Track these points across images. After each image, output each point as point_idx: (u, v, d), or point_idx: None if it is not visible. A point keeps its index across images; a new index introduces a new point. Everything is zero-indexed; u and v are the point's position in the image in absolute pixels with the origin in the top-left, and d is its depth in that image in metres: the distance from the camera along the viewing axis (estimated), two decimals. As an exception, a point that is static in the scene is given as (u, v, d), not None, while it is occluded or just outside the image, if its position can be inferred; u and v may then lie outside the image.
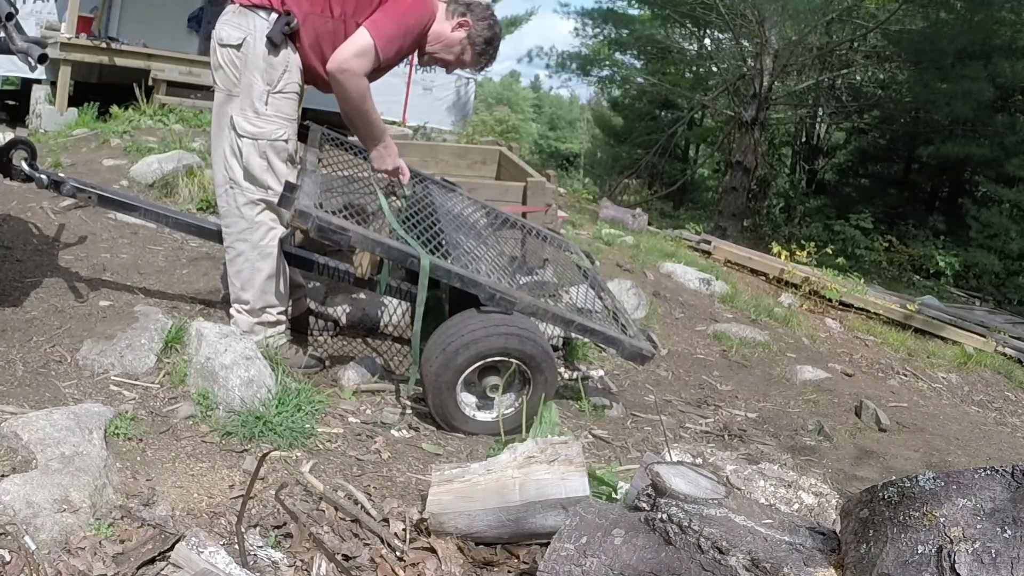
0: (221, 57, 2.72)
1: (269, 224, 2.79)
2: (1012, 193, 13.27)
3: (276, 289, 2.85)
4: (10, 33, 2.44)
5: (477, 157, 5.03)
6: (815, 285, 7.28)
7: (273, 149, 2.72)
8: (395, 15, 2.68)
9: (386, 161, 2.97)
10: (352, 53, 2.63)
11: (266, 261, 2.79)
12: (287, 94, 2.73)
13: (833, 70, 15.78)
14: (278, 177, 2.74)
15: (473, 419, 2.82)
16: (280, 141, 2.73)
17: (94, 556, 1.69)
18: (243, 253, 2.79)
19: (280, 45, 2.66)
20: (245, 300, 2.83)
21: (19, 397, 2.29)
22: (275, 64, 2.68)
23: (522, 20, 21.49)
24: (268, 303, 2.85)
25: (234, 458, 2.22)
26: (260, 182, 2.74)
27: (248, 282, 2.81)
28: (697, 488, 1.64)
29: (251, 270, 2.80)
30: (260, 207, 2.76)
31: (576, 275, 3.64)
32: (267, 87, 2.69)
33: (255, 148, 2.71)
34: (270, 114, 2.70)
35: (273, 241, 2.80)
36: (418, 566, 1.89)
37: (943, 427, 4.43)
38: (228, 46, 2.69)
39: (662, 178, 19.33)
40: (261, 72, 2.67)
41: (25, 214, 3.84)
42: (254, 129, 2.70)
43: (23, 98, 8.51)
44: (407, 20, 2.72)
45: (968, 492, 1.35)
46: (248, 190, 2.74)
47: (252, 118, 2.69)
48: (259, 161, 2.72)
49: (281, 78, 2.70)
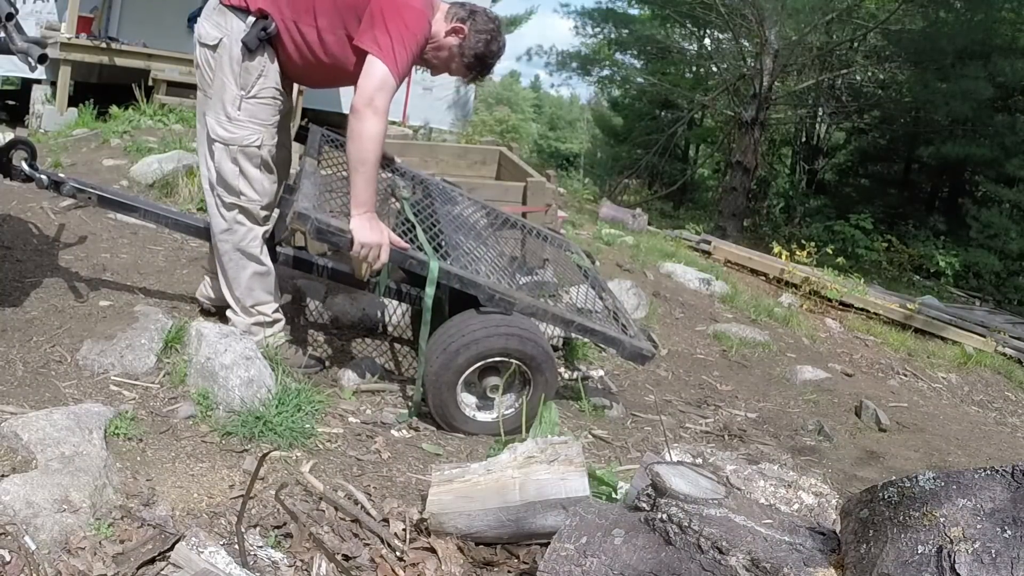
0: (199, 56, 2.67)
1: (248, 225, 2.76)
2: (1012, 193, 13.26)
3: (263, 287, 2.83)
4: (10, 33, 2.44)
5: (477, 157, 5.03)
6: (815, 285, 7.28)
7: (245, 155, 2.66)
8: (401, 37, 2.50)
9: (370, 233, 2.54)
10: (376, 88, 2.47)
11: (248, 260, 2.78)
12: (262, 100, 2.65)
13: (833, 70, 15.78)
14: (251, 183, 2.69)
15: (473, 419, 2.82)
16: (252, 147, 2.65)
17: (94, 556, 1.69)
18: (227, 252, 2.78)
19: (256, 51, 2.57)
20: (236, 298, 2.83)
21: (19, 397, 2.29)
22: (250, 69, 2.60)
23: (522, 19, 21.53)
24: (258, 300, 2.83)
25: (234, 458, 2.22)
26: (232, 188, 2.69)
27: (234, 280, 2.80)
28: (697, 488, 1.64)
29: (236, 268, 2.79)
30: (236, 210, 2.74)
31: (576, 275, 3.64)
32: (240, 92, 2.61)
33: (227, 153, 2.66)
34: (243, 119, 2.63)
35: (254, 241, 2.77)
36: (418, 566, 1.89)
37: (943, 427, 4.43)
38: (205, 45, 2.64)
39: (662, 178, 19.34)
40: (235, 76, 2.60)
41: (25, 214, 3.84)
42: (226, 134, 2.64)
43: (23, 98, 8.51)
44: (412, 39, 2.54)
45: (968, 492, 1.35)
46: (222, 194, 2.71)
47: (224, 123, 2.64)
48: (231, 167, 2.67)
49: (255, 83, 2.62)
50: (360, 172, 2.53)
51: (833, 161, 19.81)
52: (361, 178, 2.54)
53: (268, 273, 2.85)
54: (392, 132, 7.38)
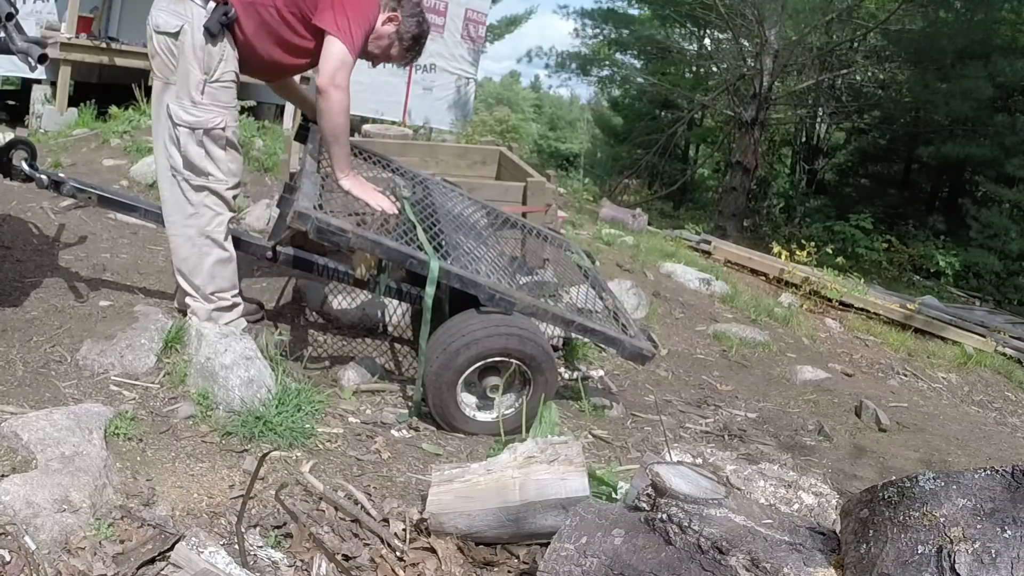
0: (157, 44, 2.70)
1: (215, 210, 2.79)
2: (1012, 193, 13.26)
3: (225, 274, 2.85)
4: (10, 33, 2.44)
5: (477, 157, 5.03)
6: (815, 285, 7.28)
7: (210, 137, 2.72)
8: (356, 18, 2.69)
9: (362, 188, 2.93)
10: (336, 67, 2.66)
11: (212, 246, 2.80)
12: (224, 83, 2.73)
13: (833, 70, 15.78)
14: (217, 164, 2.76)
15: (473, 419, 2.82)
16: (217, 129, 2.73)
17: (94, 556, 1.69)
18: (190, 239, 2.78)
19: (218, 35, 2.66)
20: (196, 286, 2.82)
21: (19, 397, 2.29)
22: (212, 53, 2.67)
23: (521, 19, 21.51)
24: (219, 287, 2.84)
25: (234, 458, 2.22)
26: (200, 169, 2.74)
27: (196, 268, 2.81)
28: (697, 488, 1.64)
29: (198, 255, 2.79)
30: (204, 192, 2.76)
31: (576, 275, 3.64)
32: (204, 76, 2.68)
33: (192, 137, 2.71)
34: (206, 103, 2.70)
35: (220, 227, 2.80)
36: (418, 566, 1.89)
37: (943, 427, 4.43)
38: (165, 34, 2.68)
39: (662, 178, 19.33)
40: (199, 61, 2.66)
41: (25, 214, 3.84)
42: (191, 118, 2.69)
43: (23, 98, 8.50)
44: (366, 21, 2.75)
45: (968, 492, 1.35)
46: (189, 178, 2.75)
47: (189, 107, 2.69)
48: (197, 149, 2.72)
49: (218, 67, 2.69)
50: (337, 143, 2.82)
51: (833, 161, 19.81)
52: (339, 148, 2.84)
53: (231, 260, 2.87)
54: (392, 132, 7.38)
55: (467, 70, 11.49)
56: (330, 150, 2.87)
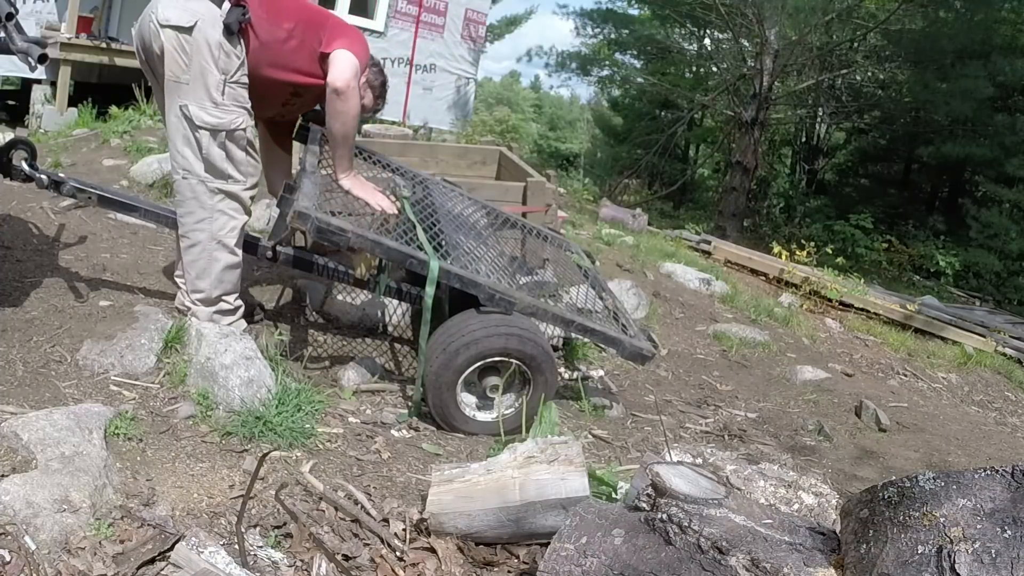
0: (165, 40, 2.60)
1: (230, 214, 2.77)
2: (1012, 193, 13.27)
3: (232, 279, 2.85)
4: (10, 33, 2.44)
5: (477, 157, 5.03)
6: (815, 285, 7.28)
7: (232, 139, 2.69)
8: (360, 50, 2.81)
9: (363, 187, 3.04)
10: (351, 72, 2.74)
11: (224, 251, 2.78)
12: (243, 83, 2.72)
13: (833, 70, 15.78)
14: (237, 166, 2.74)
15: (473, 419, 2.82)
16: (239, 130, 2.70)
17: (94, 556, 1.69)
18: (200, 242, 2.77)
19: (236, 34, 2.63)
20: (200, 289, 2.81)
21: (19, 397, 2.29)
22: (230, 53, 2.63)
23: (521, 19, 21.52)
24: (224, 291, 2.84)
25: (234, 458, 2.22)
26: (220, 172, 2.71)
27: (204, 271, 2.79)
28: (697, 488, 1.64)
29: (208, 259, 2.78)
30: (220, 196, 2.74)
31: (576, 275, 3.64)
32: (223, 75, 2.62)
33: (215, 140, 2.67)
34: (228, 104, 2.66)
35: (233, 232, 2.78)
36: (418, 566, 1.89)
37: (943, 427, 4.43)
38: (176, 28, 2.58)
39: (662, 178, 19.34)
40: (215, 60, 2.61)
41: (25, 214, 3.83)
42: (214, 120, 2.65)
43: (23, 98, 8.50)
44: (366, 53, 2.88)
45: (968, 492, 1.34)
46: (207, 180, 2.71)
47: (211, 109, 2.63)
48: (219, 152, 2.68)
49: (237, 67, 2.67)
50: (346, 144, 2.92)
51: (833, 161, 19.81)
52: (346, 149, 2.94)
53: (239, 265, 2.87)
54: (392, 132, 7.38)
55: (467, 70, 11.49)
56: (337, 150, 2.93)
